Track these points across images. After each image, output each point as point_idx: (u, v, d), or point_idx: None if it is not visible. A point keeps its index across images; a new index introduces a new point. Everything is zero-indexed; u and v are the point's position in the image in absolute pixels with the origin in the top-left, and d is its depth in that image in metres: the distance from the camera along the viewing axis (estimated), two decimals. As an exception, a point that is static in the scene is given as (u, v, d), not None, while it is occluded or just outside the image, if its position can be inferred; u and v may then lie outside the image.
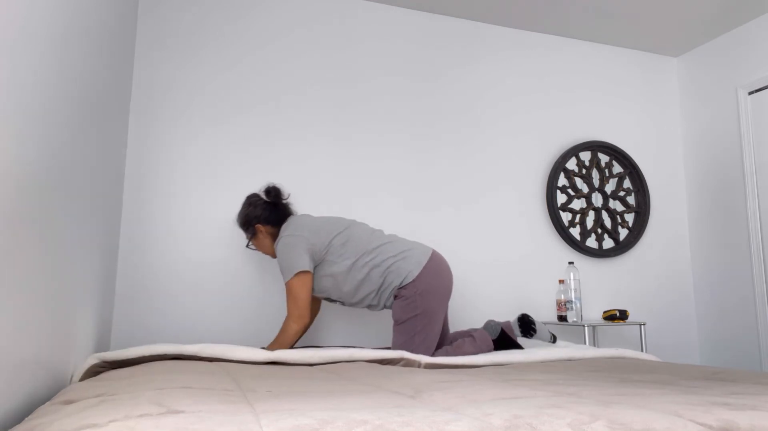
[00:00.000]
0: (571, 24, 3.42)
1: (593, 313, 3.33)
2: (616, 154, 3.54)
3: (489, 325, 2.44)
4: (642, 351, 3.01)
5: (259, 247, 2.44)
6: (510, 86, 3.40)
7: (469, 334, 2.41)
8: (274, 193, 2.42)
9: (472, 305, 3.09)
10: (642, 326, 3.03)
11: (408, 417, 0.85)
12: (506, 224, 3.24)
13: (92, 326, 2.01)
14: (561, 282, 3.08)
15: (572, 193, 3.40)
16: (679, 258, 3.63)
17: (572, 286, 3.05)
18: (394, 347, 2.25)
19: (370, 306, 2.35)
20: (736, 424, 0.85)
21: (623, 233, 3.52)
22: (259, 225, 2.38)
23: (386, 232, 2.97)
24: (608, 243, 3.46)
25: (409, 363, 1.91)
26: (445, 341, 2.44)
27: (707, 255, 3.55)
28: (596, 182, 3.50)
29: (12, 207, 1.08)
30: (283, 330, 2.22)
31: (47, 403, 1.12)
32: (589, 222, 3.44)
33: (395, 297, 2.28)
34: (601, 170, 3.50)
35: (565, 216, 3.38)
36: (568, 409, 0.91)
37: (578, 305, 3.04)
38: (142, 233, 2.59)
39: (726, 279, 3.42)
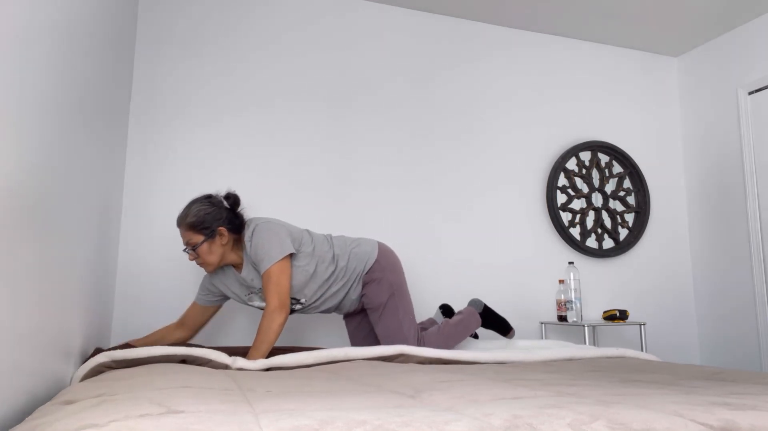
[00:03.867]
0: (571, 24, 3.42)
1: (593, 313, 3.33)
2: (616, 154, 3.53)
3: (473, 301, 2.56)
4: (642, 351, 3.01)
5: (206, 254, 2.09)
6: (510, 86, 3.40)
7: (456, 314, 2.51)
8: (233, 199, 2.17)
9: (472, 305, 3.08)
10: (642, 326, 3.03)
11: (408, 417, 0.85)
12: (506, 224, 3.24)
13: (92, 326, 2.01)
14: (561, 282, 3.08)
15: (572, 193, 3.40)
16: (679, 258, 3.63)
17: (572, 286, 3.05)
18: (382, 336, 2.21)
19: (329, 309, 2.27)
20: (737, 424, 0.85)
21: (623, 233, 3.52)
22: (222, 228, 2.09)
23: (385, 232, 3.00)
24: (608, 243, 3.46)
25: (407, 359, 1.87)
26: None
27: (707, 255, 3.55)
28: (596, 182, 3.50)
29: (12, 206, 1.08)
30: (265, 329, 1.99)
31: (48, 403, 1.12)
32: (589, 222, 3.44)
33: (364, 284, 2.26)
34: (601, 170, 3.50)
35: (565, 216, 3.38)
36: (568, 409, 0.91)
37: (578, 305, 3.04)
38: (142, 233, 2.59)
39: (726, 279, 3.41)
